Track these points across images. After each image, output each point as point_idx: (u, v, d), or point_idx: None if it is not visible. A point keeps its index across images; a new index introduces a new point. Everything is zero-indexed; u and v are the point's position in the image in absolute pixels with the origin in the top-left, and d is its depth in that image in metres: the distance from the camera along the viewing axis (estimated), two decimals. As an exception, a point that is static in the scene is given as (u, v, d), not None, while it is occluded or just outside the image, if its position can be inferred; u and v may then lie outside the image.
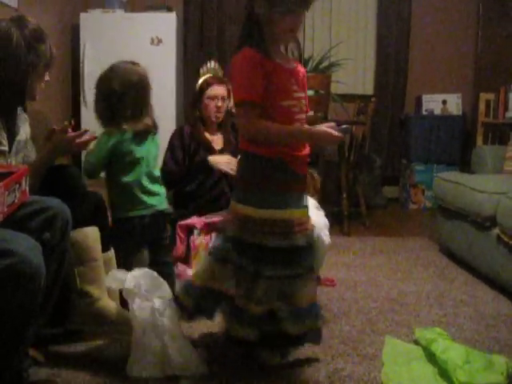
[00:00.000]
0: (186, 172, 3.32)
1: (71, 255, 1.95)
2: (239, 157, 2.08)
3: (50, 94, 4.50)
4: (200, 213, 3.21)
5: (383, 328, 2.40)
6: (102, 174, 2.40)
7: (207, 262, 1.97)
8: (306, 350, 2.14)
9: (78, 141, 2.06)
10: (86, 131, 2.12)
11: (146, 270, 2.04)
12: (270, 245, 1.86)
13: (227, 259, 1.91)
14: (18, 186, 1.50)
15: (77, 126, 4.79)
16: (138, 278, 1.94)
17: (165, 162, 3.33)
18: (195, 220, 3.15)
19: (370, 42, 5.69)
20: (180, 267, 3.05)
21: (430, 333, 2.18)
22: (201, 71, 3.45)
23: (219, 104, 3.30)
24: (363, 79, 5.71)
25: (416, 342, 2.22)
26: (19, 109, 2.06)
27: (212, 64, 3.46)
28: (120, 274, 1.99)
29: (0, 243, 1.26)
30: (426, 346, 2.10)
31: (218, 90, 3.31)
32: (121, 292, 2.05)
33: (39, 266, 1.30)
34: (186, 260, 3.14)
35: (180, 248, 3.15)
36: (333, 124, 1.94)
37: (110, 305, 2.04)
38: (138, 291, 1.91)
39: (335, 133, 1.86)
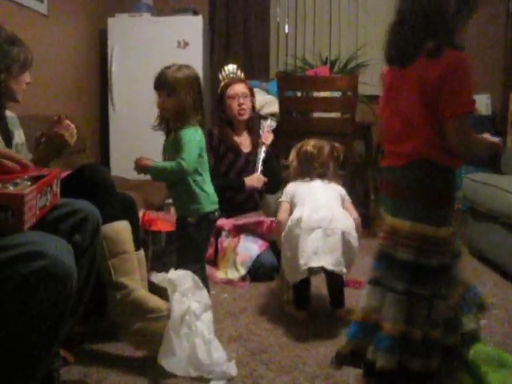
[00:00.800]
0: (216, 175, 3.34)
1: (104, 249, 1.98)
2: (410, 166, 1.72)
3: (78, 97, 4.56)
4: (228, 215, 3.22)
5: (412, 331, 2.38)
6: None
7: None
8: (333, 352, 2.13)
9: (59, 129, 2.07)
10: (60, 117, 2.12)
11: (189, 272, 2.06)
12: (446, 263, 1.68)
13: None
14: (49, 188, 1.53)
15: (105, 130, 4.89)
16: (181, 276, 1.97)
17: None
18: (223, 222, 3.17)
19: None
20: (208, 269, 3.06)
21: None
22: (220, 76, 3.48)
23: (241, 101, 3.33)
24: (390, 80, 5.67)
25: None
26: (9, 114, 2.11)
27: (230, 67, 3.48)
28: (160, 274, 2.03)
29: (33, 245, 1.28)
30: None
31: (238, 87, 3.34)
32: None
33: (71, 268, 1.32)
34: (213, 262, 3.16)
35: (208, 250, 3.16)
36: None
37: (147, 295, 2.06)
38: (180, 286, 1.93)
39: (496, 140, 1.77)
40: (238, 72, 3.48)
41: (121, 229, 2.04)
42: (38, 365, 1.40)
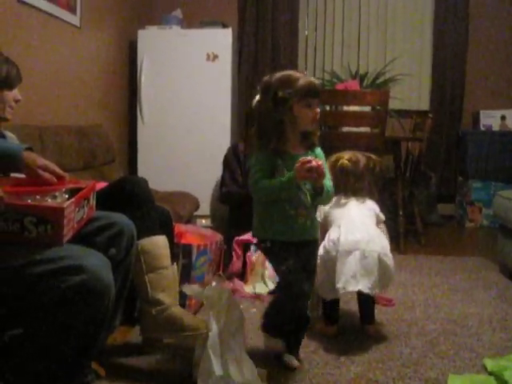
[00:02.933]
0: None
1: (141, 264, 1.97)
2: None
3: (107, 108, 4.60)
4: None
5: (445, 351, 2.33)
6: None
7: None
8: (366, 371, 2.11)
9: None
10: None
11: (226, 288, 2.05)
12: None
13: None
14: (86, 201, 1.53)
15: (133, 141, 4.92)
16: (217, 292, 1.95)
17: (225, 184, 3.32)
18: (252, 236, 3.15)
19: (426, 57, 5.61)
20: (236, 283, 3.05)
21: (504, 360, 2.09)
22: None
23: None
24: (419, 94, 5.63)
25: (486, 371, 2.13)
26: (9, 134, 2.12)
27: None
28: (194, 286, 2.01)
29: (72, 259, 1.28)
30: (498, 375, 2.02)
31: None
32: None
33: (109, 282, 1.31)
34: (242, 276, 3.14)
35: (236, 264, 3.15)
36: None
37: (183, 312, 2.05)
38: (217, 302, 1.91)
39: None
40: None
41: (159, 243, 2.04)
42: (73, 378, 1.39)
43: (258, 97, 2.07)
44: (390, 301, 2.91)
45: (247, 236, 3.15)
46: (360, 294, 2.50)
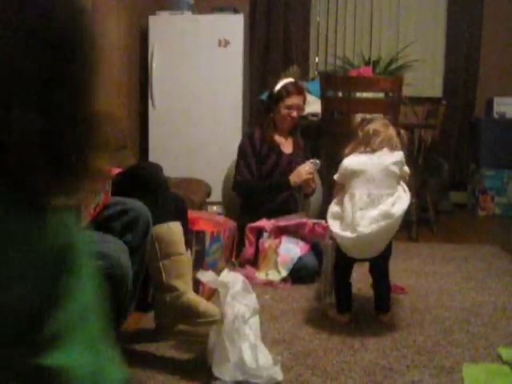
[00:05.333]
0: (258, 177, 3.32)
1: (156, 250, 1.97)
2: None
3: (119, 94, 4.59)
4: (269, 215, 3.20)
5: (459, 339, 2.32)
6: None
7: None
8: (380, 359, 2.10)
9: None
10: None
11: (239, 275, 2.05)
12: None
13: None
14: (102, 187, 1.52)
15: (144, 128, 4.91)
16: (232, 278, 1.95)
17: (239, 172, 3.32)
18: (264, 222, 3.14)
19: (440, 43, 5.55)
20: (249, 270, 3.04)
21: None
22: (282, 74, 3.44)
23: (294, 114, 3.29)
24: (432, 81, 5.58)
25: (501, 360, 2.12)
26: None
27: (295, 68, 3.47)
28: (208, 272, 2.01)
29: (92, 245, 1.27)
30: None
31: (297, 100, 3.29)
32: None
33: (128, 268, 1.31)
34: (254, 262, 3.14)
35: (249, 250, 3.15)
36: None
37: (197, 298, 2.05)
38: (231, 289, 1.91)
39: None
40: (299, 75, 3.47)
41: (174, 230, 2.03)
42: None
43: None
44: (402, 289, 2.90)
45: (260, 222, 3.15)
46: (376, 282, 2.51)
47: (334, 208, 2.43)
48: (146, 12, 4.96)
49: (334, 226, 2.36)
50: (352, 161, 2.43)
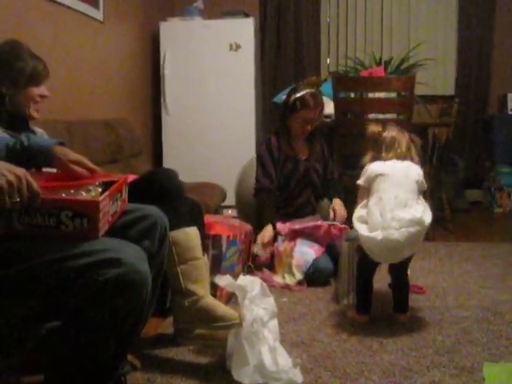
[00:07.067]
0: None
1: (173, 255, 1.99)
2: None
3: (132, 101, 4.62)
4: (285, 219, 3.20)
5: (479, 338, 2.30)
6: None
7: None
8: (399, 360, 2.09)
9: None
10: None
11: (257, 278, 2.05)
12: None
13: None
14: (119, 195, 1.53)
15: (158, 134, 4.94)
16: (250, 282, 1.95)
17: (257, 180, 3.30)
18: (280, 226, 3.15)
19: (451, 41, 5.52)
20: (265, 273, 3.05)
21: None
22: (301, 83, 3.39)
23: (308, 128, 3.27)
24: (444, 79, 5.55)
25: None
26: (39, 130, 2.13)
27: (314, 78, 3.44)
28: (226, 276, 2.02)
29: (109, 252, 1.28)
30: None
31: (312, 113, 3.23)
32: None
33: (147, 274, 1.32)
34: (271, 266, 3.15)
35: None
36: None
37: (215, 302, 2.06)
38: (249, 292, 1.92)
39: None
40: (319, 82, 3.45)
41: (191, 234, 2.04)
42: (112, 370, 1.41)
43: None
44: (420, 288, 2.89)
45: (277, 226, 3.15)
46: (395, 282, 2.51)
47: (359, 212, 2.42)
48: (156, 19, 5.00)
49: (362, 229, 2.35)
50: (377, 166, 2.45)
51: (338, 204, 3.29)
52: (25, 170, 1.23)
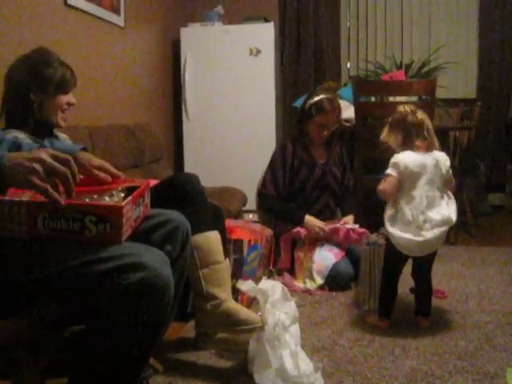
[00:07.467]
0: (289, 190, 3.31)
1: (195, 259, 2.00)
2: None
3: (153, 106, 4.65)
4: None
5: (502, 344, 2.28)
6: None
7: None
8: (422, 365, 2.08)
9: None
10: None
11: (278, 282, 2.06)
12: None
13: None
14: (142, 200, 1.54)
15: (179, 139, 4.97)
16: (271, 286, 1.96)
17: (264, 185, 3.32)
18: (299, 230, 3.15)
19: (472, 44, 5.48)
20: (286, 278, 3.05)
21: None
22: (318, 87, 3.39)
23: (324, 133, 3.26)
24: (465, 82, 5.50)
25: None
26: (62, 135, 2.15)
27: (330, 83, 3.43)
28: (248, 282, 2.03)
29: (132, 257, 1.29)
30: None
31: (328, 118, 3.22)
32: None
33: (169, 279, 1.32)
34: (291, 271, 3.15)
35: (285, 260, 3.16)
36: None
37: (237, 306, 2.07)
38: (271, 297, 1.92)
39: None
40: (336, 87, 3.45)
41: (212, 239, 2.06)
42: (135, 375, 1.41)
43: None
44: (442, 293, 2.87)
45: (295, 230, 3.16)
46: (418, 286, 2.50)
47: (389, 212, 2.40)
48: (177, 24, 5.03)
49: (393, 228, 2.35)
50: (410, 160, 2.38)
51: (350, 219, 3.29)
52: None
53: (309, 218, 3.18)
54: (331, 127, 3.28)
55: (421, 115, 2.45)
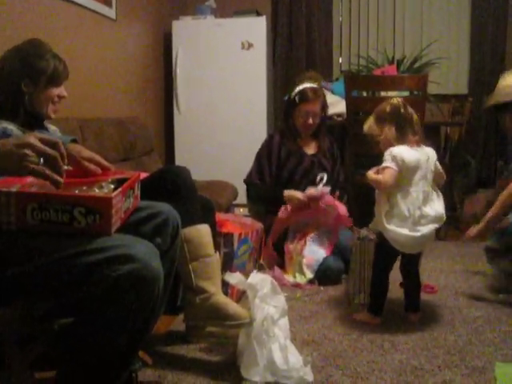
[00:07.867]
0: (277, 180, 3.32)
1: (185, 252, 1.99)
2: None
3: (144, 99, 4.63)
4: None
5: (491, 338, 2.30)
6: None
7: None
8: (411, 359, 2.09)
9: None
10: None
11: (268, 276, 2.06)
12: None
13: None
14: (132, 192, 1.54)
15: (170, 132, 4.95)
16: (259, 280, 1.95)
17: (250, 174, 3.35)
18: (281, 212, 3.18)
19: (464, 40, 5.48)
20: (277, 272, 3.05)
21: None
22: (297, 79, 3.43)
23: (310, 122, 3.28)
24: (457, 78, 5.51)
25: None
26: (52, 127, 2.14)
27: (310, 73, 3.45)
28: (236, 274, 2.03)
29: (122, 248, 1.28)
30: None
31: (312, 107, 3.26)
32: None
33: (159, 271, 1.32)
34: (281, 265, 3.15)
35: (266, 254, 3.17)
36: None
37: (227, 300, 2.07)
38: (260, 291, 1.92)
39: None
40: (318, 79, 3.46)
41: (203, 232, 2.05)
42: (124, 367, 1.41)
43: None
44: (432, 288, 2.88)
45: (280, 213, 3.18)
46: (407, 281, 2.51)
47: (385, 207, 2.37)
48: (169, 17, 5.01)
49: (389, 224, 2.33)
50: (407, 154, 2.35)
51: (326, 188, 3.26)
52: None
53: (287, 191, 3.21)
54: (316, 116, 3.30)
55: (410, 109, 2.46)
